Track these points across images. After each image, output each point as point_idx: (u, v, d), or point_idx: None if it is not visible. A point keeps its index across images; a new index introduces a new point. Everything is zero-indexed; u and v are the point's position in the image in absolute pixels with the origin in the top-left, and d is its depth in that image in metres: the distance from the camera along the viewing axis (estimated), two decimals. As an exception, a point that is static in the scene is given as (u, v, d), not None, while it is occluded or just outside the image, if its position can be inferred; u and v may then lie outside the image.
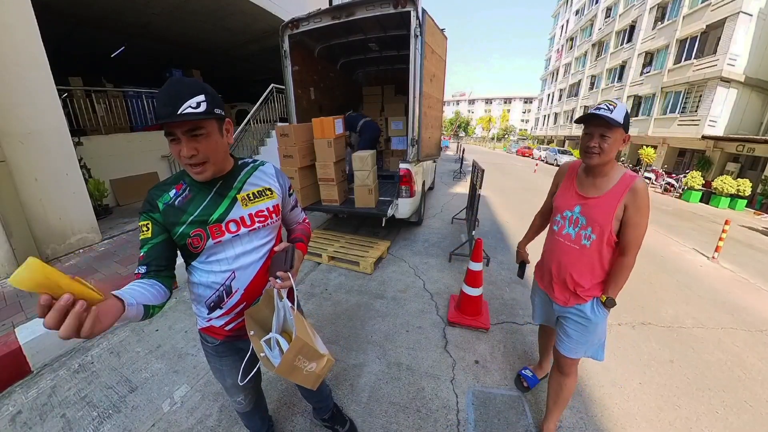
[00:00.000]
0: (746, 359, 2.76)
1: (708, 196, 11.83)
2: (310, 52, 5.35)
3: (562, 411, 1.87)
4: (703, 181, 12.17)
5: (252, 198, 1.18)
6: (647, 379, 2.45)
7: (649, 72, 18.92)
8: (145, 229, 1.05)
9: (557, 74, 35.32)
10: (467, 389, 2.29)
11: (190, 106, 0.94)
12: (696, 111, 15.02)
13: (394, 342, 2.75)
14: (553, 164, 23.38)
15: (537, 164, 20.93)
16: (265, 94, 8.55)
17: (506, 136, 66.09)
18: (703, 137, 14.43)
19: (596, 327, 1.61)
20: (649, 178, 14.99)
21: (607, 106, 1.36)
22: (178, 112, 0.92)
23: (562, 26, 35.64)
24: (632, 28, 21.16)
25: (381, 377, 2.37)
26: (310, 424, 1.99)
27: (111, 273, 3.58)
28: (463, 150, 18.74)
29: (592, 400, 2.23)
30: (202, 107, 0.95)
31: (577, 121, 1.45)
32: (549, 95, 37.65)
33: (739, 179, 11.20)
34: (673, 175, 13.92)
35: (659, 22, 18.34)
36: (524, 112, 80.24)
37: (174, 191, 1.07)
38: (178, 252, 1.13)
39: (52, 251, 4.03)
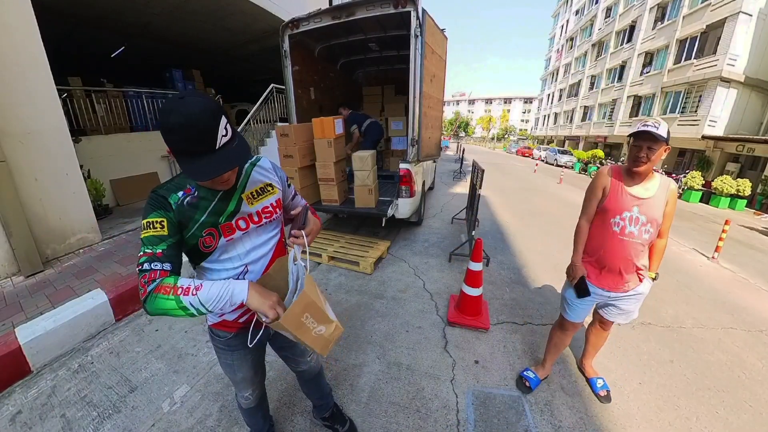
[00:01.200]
0: (746, 359, 2.76)
1: (708, 196, 11.83)
2: (310, 52, 5.35)
3: (598, 351, 2.38)
4: (703, 181, 12.18)
5: (256, 195, 1.19)
6: (647, 379, 2.45)
7: (649, 72, 18.93)
8: (159, 226, 0.99)
9: (557, 74, 35.32)
10: (467, 389, 2.29)
11: (222, 136, 0.91)
12: (696, 111, 15.03)
13: (394, 342, 2.75)
14: (552, 164, 23.37)
15: (537, 164, 20.91)
16: (265, 94, 8.55)
17: (506, 136, 66.07)
18: (703, 137, 14.43)
19: (644, 297, 1.99)
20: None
21: (653, 124, 1.63)
22: (217, 147, 0.91)
23: (562, 26, 35.65)
24: (632, 28, 21.19)
25: (381, 377, 2.37)
26: (310, 424, 1.99)
27: (111, 273, 3.57)
28: (463, 150, 18.75)
29: (592, 400, 2.23)
30: (229, 130, 0.94)
31: (630, 135, 1.72)
32: (549, 95, 37.65)
33: (739, 179, 11.20)
34: (673, 175, 13.91)
35: (659, 22, 18.37)
36: (524, 112, 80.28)
37: (182, 193, 1.05)
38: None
39: (52, 251, 4.03)
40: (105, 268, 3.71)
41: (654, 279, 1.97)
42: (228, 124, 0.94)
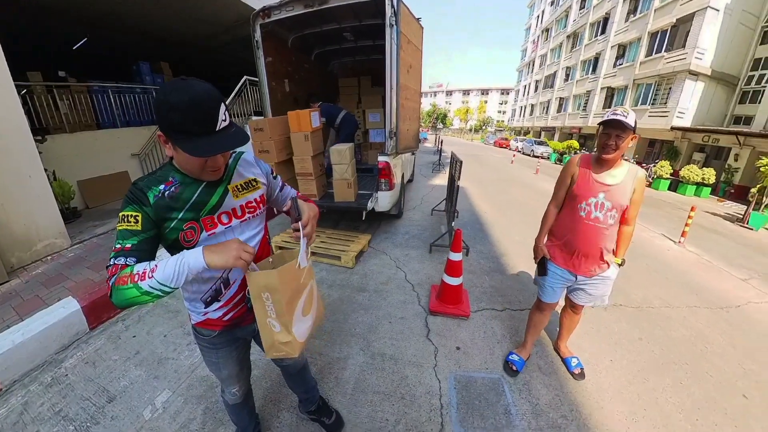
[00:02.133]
0: (708, 335, 2.96)
1: (676, 184, 12.41)
2: (283, 42, 5.20)
3: (572, 333, 2.49)
4: (672, 170, 12.74)
5: (241, 189, 1.18)
6: (618, 357, 2.59)
7: (621, 64, 19.38)
8: (133, 220, 0.97)
9: (533, 65, 35.78)
10: (449, 374, 2.35)
11: (222, 120, 0.93)
12: (665, 103, 15.56)
13: (378, 333, 2.78)
14: (529, 155, 23.88)
15: (514, 155, 21.34)
16: (238, 86, 8.32)
17: (484, 127, 66.88)
18: (672, 128, 15.01)
19: (611, 282, 2.08)
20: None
21: (622, 113, 1.67)
22: (217, 129, 0.93)
23: (538, 16, 35.90)
24: (606, 20, 21.54)
25: (365, 368, 2.40)
26: (297, 419, 2.00)
27: (83, 279, 3.42)
28: (442, 142, 18.85)
29: (567, 378, 2.35)
30: (227, 117, 0.96)
31: (600, 123, 1.77)
32: (525, 86, 38.19)
33: (704, 168, 11.81)
34: (644, 165, 14.51)
35: (632, 15, 18.74)
36: (501, 104, 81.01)
37: (163, 186, 1.03)
38: (163, 250, 1.11)
39: (18, 260, 3.82)
40: (76, 275, 3.55)
41: (620, 265, 2.05)
42: (226, 111, 0.96)
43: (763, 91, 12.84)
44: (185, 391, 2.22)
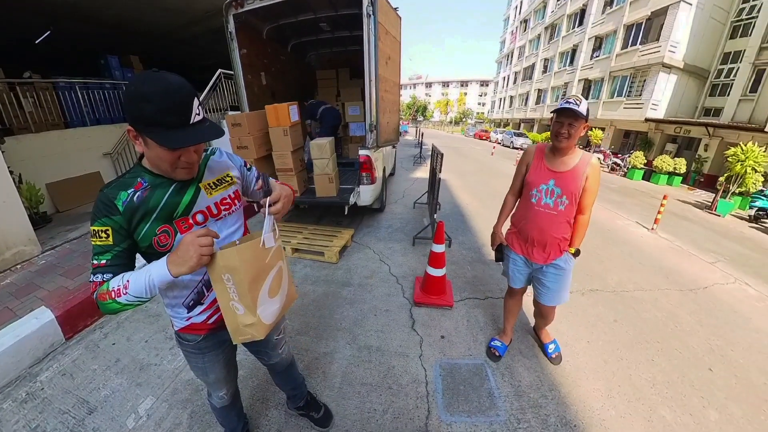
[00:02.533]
0: (678, 314, 3.12)
1: (649, 174, 12.88)
2: (258, 33, 5.07)
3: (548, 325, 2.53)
4: (645, 161, 13.20)
5: (214, 186, 1.14)
6: (594, 338, 2.71)
7: (598, 56, 19.68)
8: (103, 235, 0.95)
9: (512, 57, 35.91)
10: (434, 363, 2.41)
11: (195, 114, 0.91)
12: (640, 95, 15.97)
13: (363, 327, 2.81)
14: (509, 146, 24.20)
15: (494, 147, 21.59)
16: (213, 80, 8.08)
17: (464, 119, 67.27)
18: (646, 120, 15.46)
19: (568, 274, 2.09)
20: (598, 159, 16.04)
21: (574, 101, 1.71)
22: (191, 122, 0.90)
23: (516, 7, 35.90)
24: (583, 11, 21.76)
25: (352, 361, 2.42)
26: (285, 415, 2.00)
27: (56, 288, 3.27)
28: (422, 134, 18.83)
29: (547, 360, 2.44)
30: (201, 111, 0.94)
31: (553, 112, 1.80)
32: (504, 78, 38.37)
33: (676, 158, 12.31)
34: (619, 155, 14.98)
35: (608, 7, 18.99)
36: (481, 95, 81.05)
37: (132, 190, 0.99)
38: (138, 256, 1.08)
39: (-16, 267, 3.63)
40: (48, 283, 3.37)
41: (575, 255, 2.05)
42: (200, 106, 0.94)
43: (732, 84, 13.37)
44: (170, 396, 2.17)
